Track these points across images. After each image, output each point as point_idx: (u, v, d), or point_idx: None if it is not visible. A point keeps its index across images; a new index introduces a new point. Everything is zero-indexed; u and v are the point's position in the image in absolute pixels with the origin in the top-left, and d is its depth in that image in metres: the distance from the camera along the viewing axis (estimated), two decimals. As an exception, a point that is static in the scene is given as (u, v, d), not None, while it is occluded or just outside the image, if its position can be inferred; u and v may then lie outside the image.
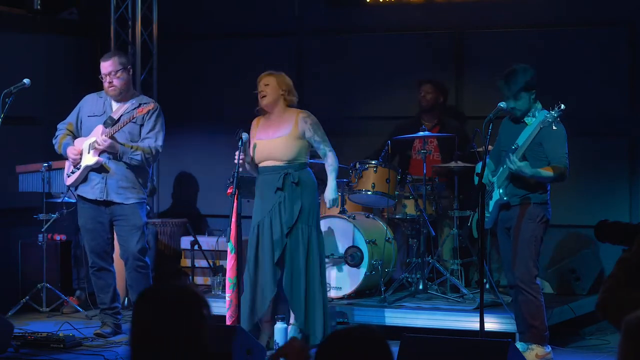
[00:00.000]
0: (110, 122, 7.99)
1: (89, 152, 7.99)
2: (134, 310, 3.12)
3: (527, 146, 6.95)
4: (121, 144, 7.90)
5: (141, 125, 8.00)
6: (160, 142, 8.02)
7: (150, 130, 7.99)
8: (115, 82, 7.99)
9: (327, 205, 7.68)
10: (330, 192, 7.54)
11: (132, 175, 8.01)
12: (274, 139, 7.37)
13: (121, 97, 8.05)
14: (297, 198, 7.32)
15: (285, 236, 7.30)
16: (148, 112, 7.89)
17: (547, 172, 6.95)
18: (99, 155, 7.95)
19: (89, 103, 8.16)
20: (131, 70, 8.17)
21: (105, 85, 8.03)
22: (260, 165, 7.42)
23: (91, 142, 7.98)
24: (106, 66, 8.00)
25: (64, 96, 9.25)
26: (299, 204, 7.32)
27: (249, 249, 7.41)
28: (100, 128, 7.99)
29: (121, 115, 8.01)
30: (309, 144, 7.46)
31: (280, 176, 7.32)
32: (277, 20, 10.20)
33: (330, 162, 7.53)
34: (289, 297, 7.31)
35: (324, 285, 7.45)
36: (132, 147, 7.92)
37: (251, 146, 7.41)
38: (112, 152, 7.92)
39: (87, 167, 8.00)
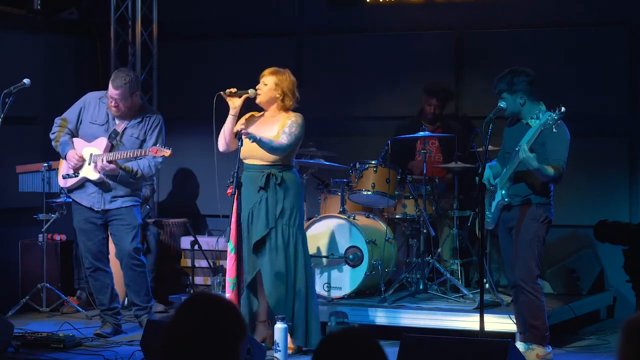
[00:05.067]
0: (114, 136, 7.99)
1: (90, 164, 7.99)
2: (181, 311, 3.07)
3: (532, 145, 6.93)
4: (122, 168, 7.91)
5: (143, 141, 8.00)
6: (160, 159, 8.02)
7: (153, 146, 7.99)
8: (121, 106, 7.94)
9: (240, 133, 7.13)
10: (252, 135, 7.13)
11: (127, 185, 8.04)
12: None
13: (124, 117, 8.05)
14: (279, 200, 7.28)
15: (265, 236, 7.27)
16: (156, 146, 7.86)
17: (549, 169, 6.95)
18: (100, 171, 7.96)
19: (92, 107, 8.11)
20: (138, 93, 8.06)
21: (110, 105, 7.98)
22: (245, 161, 7.38)
23: (94, 153, 7.99)
24: (116, 94, 7.88)
25: (64, 96, 9.25)
26: (280, 205, 7.27)
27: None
28: (104, 141, 7.97)
29: (125, 129, 8.00)
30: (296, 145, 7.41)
31: (263, 176, 7.27)
32: (277, 20, 10.20)
33: (276, 141, 7.18)
34: (269, 297, 7.30)
35: (310, 287, 7.41)
36: (132, 171, 7.92)
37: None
38: (112, 174, 7.95)
39: (85, 178, 8.02)
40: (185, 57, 10.49)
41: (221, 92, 7.29)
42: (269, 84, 7.34)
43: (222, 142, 7.42)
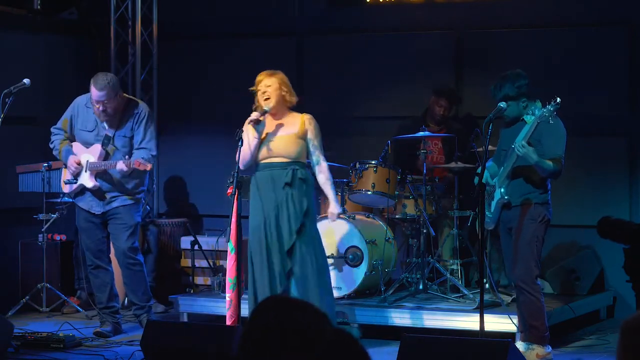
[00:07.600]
0: (107, 142, 8.02)
1: (86, 171, 8.04)
2: (262, 312, 3.00)
3: (528, 140, 6.93)
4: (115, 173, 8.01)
5: (131, 138, 8.02)
6: (154, 151, 8.08)
7: (142, 140, 8.01)
8: (109, 109, 7.97)
9: (332, 220, 7.57)
10: (335, 205, 7.44)
11: (125, 182, 8.07)
12: (282, 136, 7.27)
13: (113, 124, 8.07)
14: (303, 195, 7.25)
15: (296, 232, 7.20)
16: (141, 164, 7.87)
17: (548, 162, 6.95)
18: (95, 178, 8.01)
19: (81, 114, 8.15)
20: (121, 92, 8.12)
21: (96, 110, 7.99)
22: (265, 161, 7.30)
23: (90, 160, 8.04)
24: (100, 96, 7.90)
25: (64, 96, 9.24)
26: (306, 201, 7.25)
27: (254, 249, 7.29)
28: (98, 148, 8.03)
29: (116, 132, 8.03)
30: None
31: (288, 172, 7.23)
32: (277, 20, 10.20)
33: (326, 174, 7.39)
34: (303, 295, 7.26)
35: (329, 282, 7.45)
36: (126, 171, 7.91)
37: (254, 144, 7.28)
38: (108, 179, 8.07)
39: (83, 185, 8.08)
40: (185, 57, 10.49)
41: (250, 124, 7.22)
42: (272, 84, 7.30)
43: (248, 160, 7.31)
